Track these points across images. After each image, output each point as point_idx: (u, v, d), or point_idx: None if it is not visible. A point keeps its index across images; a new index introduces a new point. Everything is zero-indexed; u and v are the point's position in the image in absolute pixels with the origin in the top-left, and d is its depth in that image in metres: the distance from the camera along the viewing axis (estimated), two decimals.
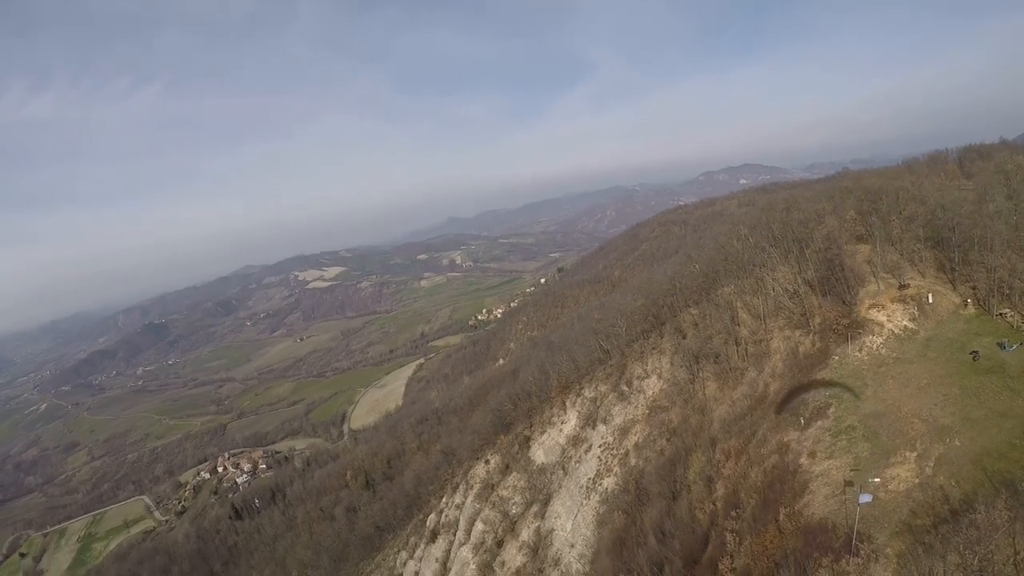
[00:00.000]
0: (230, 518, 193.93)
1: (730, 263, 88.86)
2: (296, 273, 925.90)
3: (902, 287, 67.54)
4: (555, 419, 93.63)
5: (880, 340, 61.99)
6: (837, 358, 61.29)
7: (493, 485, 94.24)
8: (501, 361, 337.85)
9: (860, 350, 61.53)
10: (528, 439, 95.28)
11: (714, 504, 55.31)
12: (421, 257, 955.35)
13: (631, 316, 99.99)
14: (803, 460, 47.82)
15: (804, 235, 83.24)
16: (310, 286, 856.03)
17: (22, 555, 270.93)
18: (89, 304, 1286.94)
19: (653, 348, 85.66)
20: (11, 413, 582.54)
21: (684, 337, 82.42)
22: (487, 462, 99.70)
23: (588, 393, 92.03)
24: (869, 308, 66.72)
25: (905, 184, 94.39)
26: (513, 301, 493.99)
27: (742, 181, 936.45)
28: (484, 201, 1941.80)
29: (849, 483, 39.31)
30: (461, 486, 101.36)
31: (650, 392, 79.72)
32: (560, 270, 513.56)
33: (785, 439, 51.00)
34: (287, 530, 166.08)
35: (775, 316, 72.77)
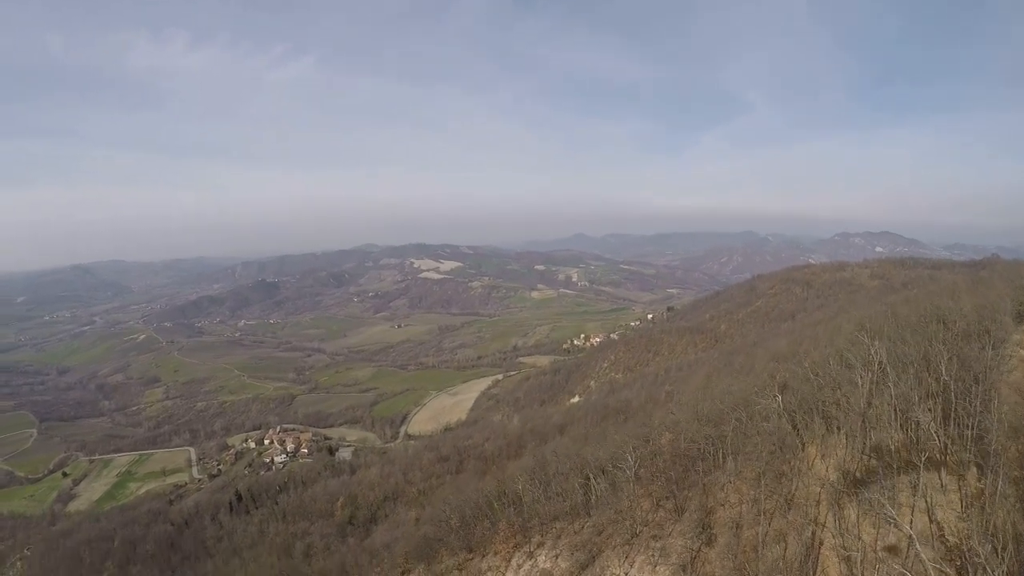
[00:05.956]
0: (230, 504, 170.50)
1: (839, 407, 46.52)
2: (413, 260, 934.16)
3: None
4: None
5: None
6: None
7: None
8: (576, 399, 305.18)
9: None
10: None
11: None
12: (538, 267, 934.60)
13: (644, 457, 59.13)
14: None
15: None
16: (423, 275, 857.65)
17: (64, 475, 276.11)
18: (214, 251, 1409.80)
19: (654, 534, 45.67)
20: (112, 337, 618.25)
21: (710, 541, 42.00)
22: None
23: (542, 560, 53.52)
24: None
25: None
26: (614, 332, 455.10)
27: (878, 249, 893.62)
28: (613, 223, 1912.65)
29: None
30: None
31: None
32: (670, 309, 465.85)
33: None
34: (250, 547, 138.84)
35: None
